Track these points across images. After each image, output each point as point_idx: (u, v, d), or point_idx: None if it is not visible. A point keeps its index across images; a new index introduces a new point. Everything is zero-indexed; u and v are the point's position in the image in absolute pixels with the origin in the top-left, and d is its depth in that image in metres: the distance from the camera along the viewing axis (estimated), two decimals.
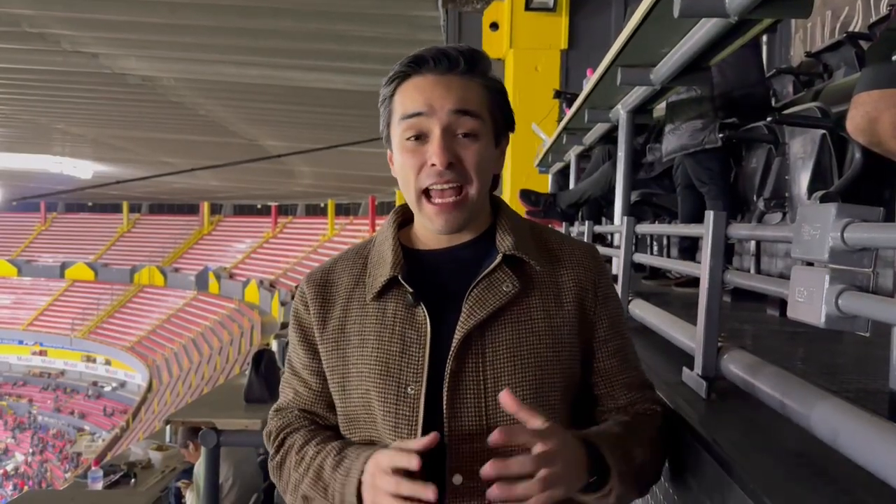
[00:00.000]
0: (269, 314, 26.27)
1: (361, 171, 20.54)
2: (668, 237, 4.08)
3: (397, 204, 1.20)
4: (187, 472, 3.59)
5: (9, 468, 29.48)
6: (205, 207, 39.51)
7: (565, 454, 0.89)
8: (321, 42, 8.47)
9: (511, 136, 1.11)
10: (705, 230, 1.31)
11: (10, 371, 35.53)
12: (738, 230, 1.32)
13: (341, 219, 34.72)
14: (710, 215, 1.31)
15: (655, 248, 4.55)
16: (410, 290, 1.01)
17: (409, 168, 1.01)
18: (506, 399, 0.91)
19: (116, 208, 41.23)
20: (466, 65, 1.01)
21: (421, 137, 1.00)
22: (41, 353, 35.56)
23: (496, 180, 1.09)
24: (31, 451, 30.09)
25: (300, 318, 1.10)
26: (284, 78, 10.02)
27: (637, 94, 2.74)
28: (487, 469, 0.84)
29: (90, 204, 42.07)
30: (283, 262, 32.69)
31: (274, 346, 3.38)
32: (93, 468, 2.82)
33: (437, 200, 1.01)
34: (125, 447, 18.89)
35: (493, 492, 0.84)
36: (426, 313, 1.00)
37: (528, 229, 1.10)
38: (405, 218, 1.12)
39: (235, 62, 9.36)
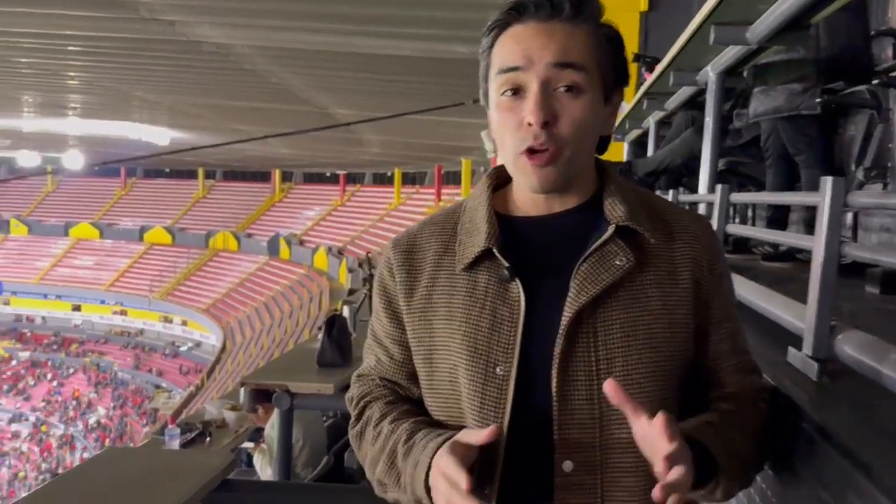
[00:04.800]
0: (336, 280, 26.78)
1: (428, 140, 20.48)
2: (754, 209, 3.88)
3: (463, 174, 1.12)
4: (252, 435, 3.67)
5: (91, 421, 31.26)
6: (276, 175, 40.39)
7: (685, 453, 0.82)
8: (389, 7, 8.38)
9: None
10: (822, 197, 1.19)
11: (93, 329, 37.48)
12: (860, 198, 1.20)
13: (407, 188, 34.92)
14: (826, 181, 1.19)
15: (737, 221, 4.34)
16: (506, 264, 0.94)
17: (505, 127, 0.93)
18: (612, 389, 0.83)
19: (192, 174, 42.58)
20: (572, 9, 0.91)
21: (518, 92, 0.91)
22: (122, 312, 37.34)
23: (605, 142, 1.00)
24: (112, 405, 31.81)
25: (385, 285, 1.04)
26: (353, 45, 9.99)
27: (729, 54, 2.57)
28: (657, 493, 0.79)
29: (167, 170, 43.56)
30: (350, 229, 33.20)
31: (345, 311, 3.40)
32: (169, 426, 2.91)
33: (532, 159, 0.92)
34: (200, 405, 19.72)
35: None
36: (521, 289, 0.93)
37: (636, 197, 1.00)
38: (500, 181, 1.03)
39: (306, 29, 9.38)
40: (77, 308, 38.12)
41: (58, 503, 1.31)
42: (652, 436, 0.81)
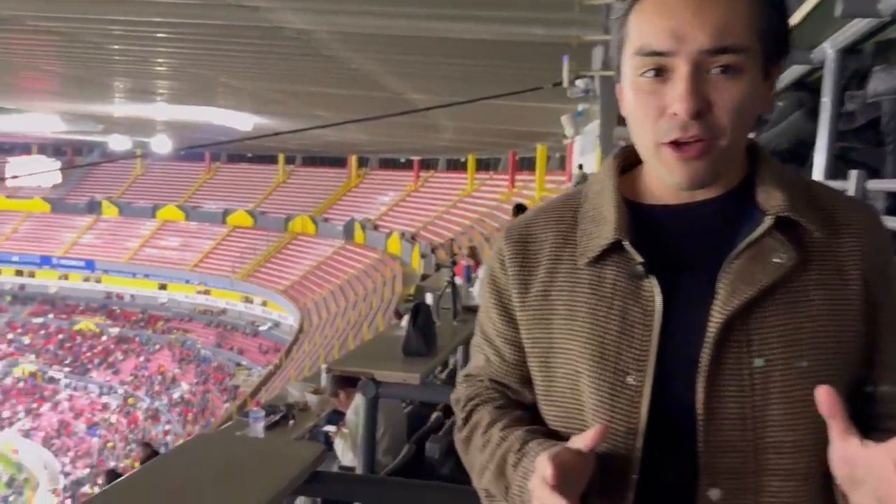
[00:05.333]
0: (409, 265, 27.03)
1: (503, 126, 20.28)
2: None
3: (538, 160, 0.99)
4: (332, 417, 3.69)
5: (175, 396, 32.70)
6: (352, 161, 41.03)
7: None
8: None
9: None
10: None
11: (179, 307, 39.12)
12: None
13: (481, 174, 34.79)
14: None
15: None
16: (640, 259, 0.82)
17: (644, 113, 0.79)
18: (826, 397, 0.71)
19: (273, 160, 43.75)
20: None
21: (662, 73, 0.77)
22: (205, 292, 38.84)
23: (759, 121, 0.87)
24: (195, 381, 33.18)
25: (496, 280, 0.93)
26: (431, 29, 9.94)
27: (853, 29, 2.35)
28: None
29: (250, 155, 44.90)
30: (423, 215, 33.40)
31: (428, 298, 3.35)
32: (254, 408, 2.93)
33: (678, 152, 0.78)
34: (277, 384, 20.31)
35: None
36: (657, 288, 0.81)
37: (794, 182, 0.85)
38: (628, 162, 0.91)
39: (384, 14, 9.39)
40: (163, 287, 39.88)
41: (150, 491, 1.28)
42: (873, 463, 0.68)
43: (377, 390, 2.04)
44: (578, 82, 7.16)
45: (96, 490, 19.71)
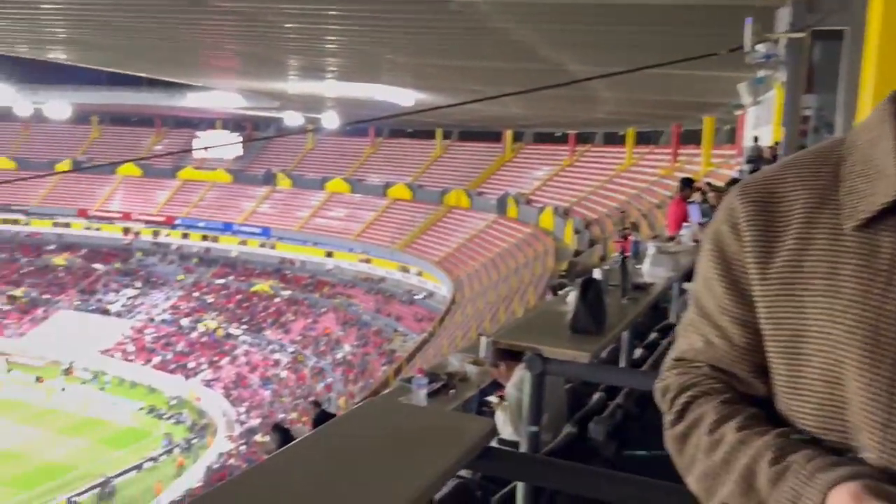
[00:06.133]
0: (561, 241, 26.68)
1: (667, 97, 19.31)
2: None
3: (704, 133, 0.81)
4: (485, 390, 3.69)
5: (338, 356, 34.77)
6: (508, 135, 41.01)
7: None
8: None
9: (879, 21, 0.67)
10: None
11: (343, 274, 41.39)
12: None
13: (640, 148, 33.48)
14: None
15: None
16: None
17: None
18: None
19: (431, 134, 44.77)
20: None
21: None
22: (367, 260, 40.78)
23: None
24: (356, 343, 35.07)
25: (724, 246, 0.79)
26: None
27: None
28: None
29: (410, 130, 46.21)
30: (577, 190, 32.78)
31: (596, 274, 3.23)
32: (417, 375, 3.00)
33: None
34: (431, 351, 20.97)
35: None
36: None
37: None
38: None
39: None
40: (329, 254, 42.36)
41: (323, 457, 1.31)
42: None
43: (544, 366, 1.98)
44: (759, 47, 6.56)
45: (267, 439, 21.51)
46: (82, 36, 16.43)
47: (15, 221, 48.29)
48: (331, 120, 38.70)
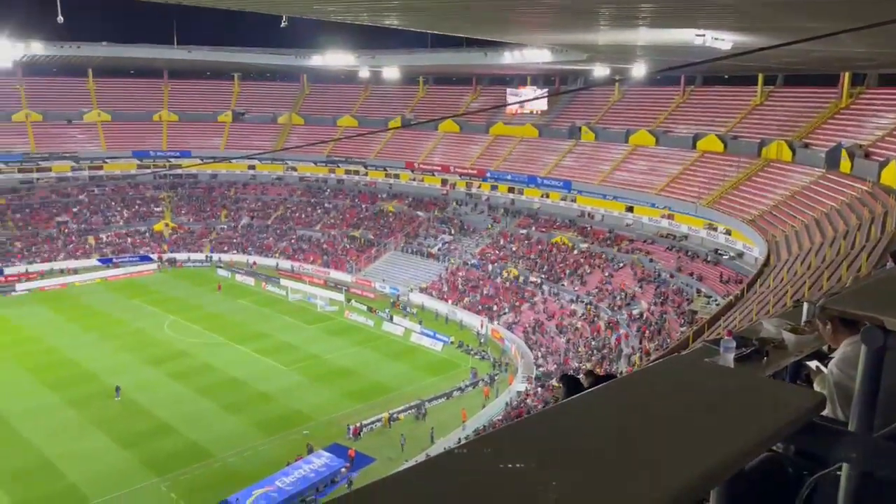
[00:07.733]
0: None
1: None
2: None
3: None
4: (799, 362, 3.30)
5: (634, 312, 34.25)
6: (845, 78, 35.65)
7: None
8: None
9: None
10: None
11: (642, 230, 40.46)
12: None
13: None
14: None
15: None
16: None
17: None
18: None
19: (751, 80, 40.91)
20: None
21: None
22: (669, 216, 39.22)
23: None
24: (653, 301, 34.18)
25: None
26: None
27: None
28: None
29: (726, 76, 42.75)
30: None
31: None
32: (726, 337, 2.80)
33: None
34: (738, 315, 19.52)
35: None
36: None
37: None
38: None
39: None
40: (629, 209, 41.62)
41: (616, 410, 1.30)
42: None
43: (885, 340, 1.72)
44: None
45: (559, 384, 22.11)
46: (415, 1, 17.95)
47: (356, 172, 56.17)
48: (639, 70, 37.47)
